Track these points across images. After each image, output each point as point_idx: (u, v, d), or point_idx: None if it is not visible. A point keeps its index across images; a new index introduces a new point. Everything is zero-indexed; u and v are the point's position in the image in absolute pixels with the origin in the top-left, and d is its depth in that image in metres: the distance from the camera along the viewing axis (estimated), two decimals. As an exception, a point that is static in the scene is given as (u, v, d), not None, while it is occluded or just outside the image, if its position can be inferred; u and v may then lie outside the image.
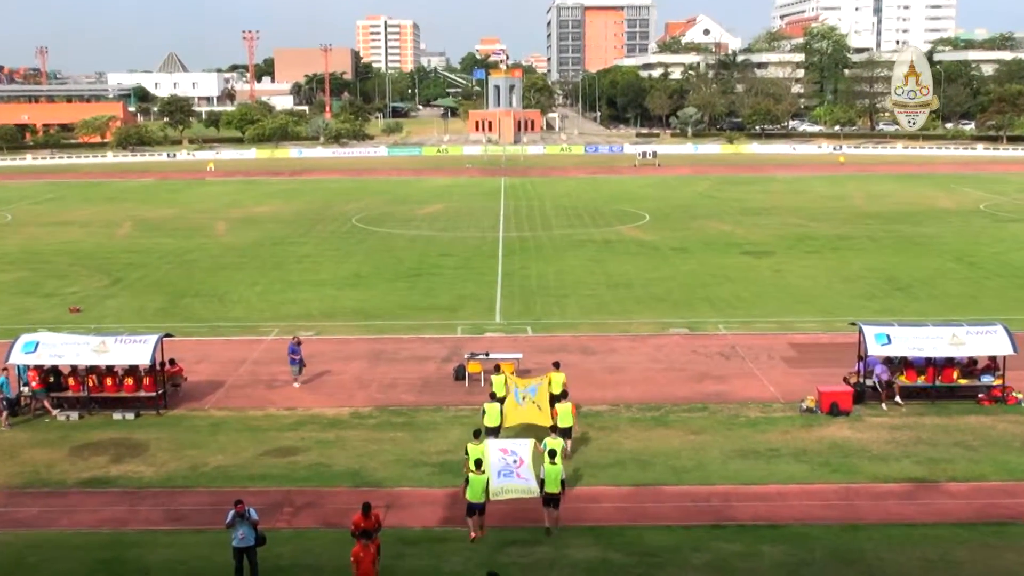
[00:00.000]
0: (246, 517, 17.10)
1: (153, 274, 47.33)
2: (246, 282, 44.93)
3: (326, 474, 22.59)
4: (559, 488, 19.72)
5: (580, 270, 47.05)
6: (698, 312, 38.63)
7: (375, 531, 17.41)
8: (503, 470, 20.15)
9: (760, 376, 29.96)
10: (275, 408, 27.44)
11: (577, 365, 31.30)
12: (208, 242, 57.04)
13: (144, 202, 77.93)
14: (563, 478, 19.79)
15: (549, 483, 19.79)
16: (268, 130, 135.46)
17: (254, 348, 33.68)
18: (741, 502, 20.99)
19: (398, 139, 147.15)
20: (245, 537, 17.13)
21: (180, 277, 46.33)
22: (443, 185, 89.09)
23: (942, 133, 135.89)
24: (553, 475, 19.75)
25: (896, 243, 54.23)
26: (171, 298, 41.74)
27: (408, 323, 37.08)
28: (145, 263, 50.10)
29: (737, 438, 24.66)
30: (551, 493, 19.77)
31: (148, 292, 42.98)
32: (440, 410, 27.04)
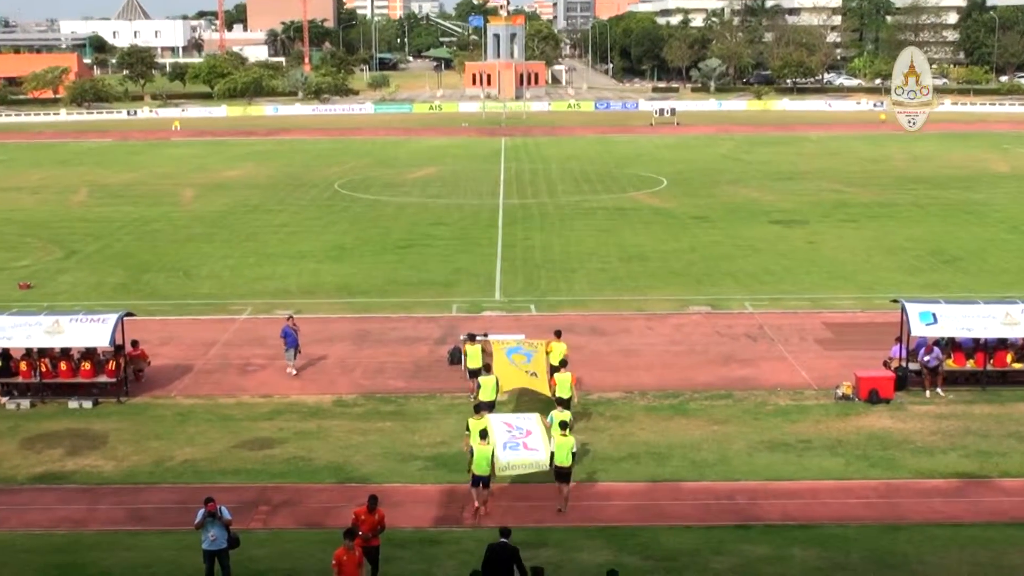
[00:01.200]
0: (218, 517, 17.11)
1: (112, 246, 47.28)
2: (216, 255, 44.92)
3: (306, 469, 22.62)
4: (570, 462, 20.55)
5: (589, 241, 46.97)
6: (722, 288, 38.58)
7: (376, 532, 17.40)
8: (508, 443, 20.95)
9: (791, 359, 29.96)
10: (249, 395, 27.47)
11: (586, 347, 31.29)
12: (173, 210, 56.92)
13: (102, 165, 77.74)
14: (574, 451, 20.63)
15: (560, 456, 20.55)
16: (240, 85, 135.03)
17: (225, 328, 33.67)
18: (769, 500, 21.01)
19: (386, 95, 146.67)
20: (217, 539, 17.15)
21: (142, 249, 46.27)
22: (436, 146, 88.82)
23: (996, 87, 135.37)
24: (564, 448, 20.54)
25: (943, 211, 54.09)
26: (132, 273, 41.70)
27: (397, 300, 37.04)
28: (103, 234, 50.04)
29: (765, 429, 24.69)
30: (562, 467, 20.51)
31: (107, 266, 42.94)
32: (433, 397, 27.05)
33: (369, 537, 17.26)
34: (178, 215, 55.34)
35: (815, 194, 59.72)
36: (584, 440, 23.82)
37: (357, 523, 17.38)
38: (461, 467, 22.31)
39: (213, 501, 17.18)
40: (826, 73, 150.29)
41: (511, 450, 20.97)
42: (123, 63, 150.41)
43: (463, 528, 19.54)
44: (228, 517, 17.33)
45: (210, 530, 17.10)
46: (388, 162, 78.09)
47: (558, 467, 20.64)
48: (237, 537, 17.41)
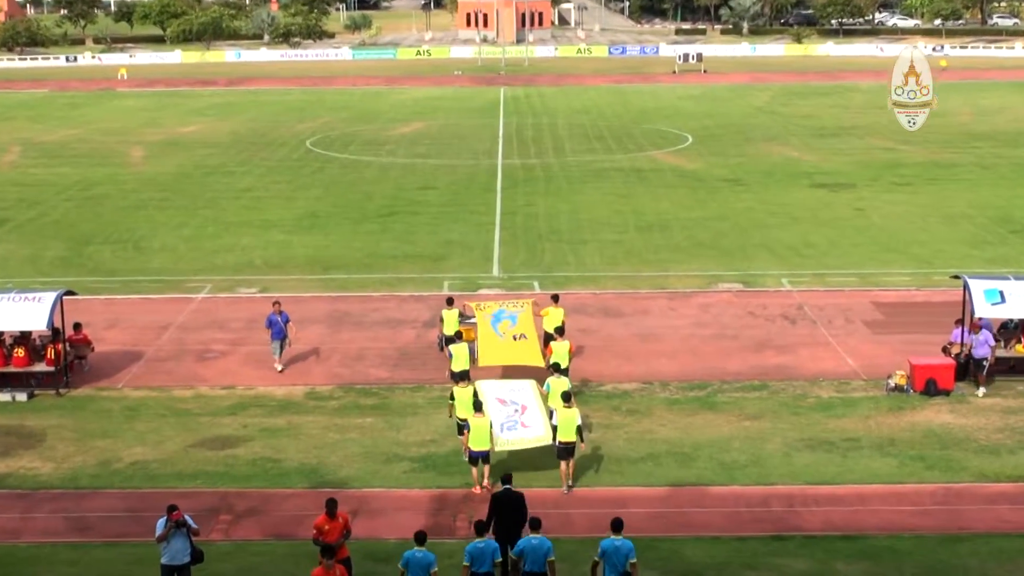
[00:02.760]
0: (183, 527, 17.10)
1: (50, 214, 47.22)
2: (170, 224, 44.87)
3: (274, 471, 22.65)
4: (576, 436, 21.34)
5: (602, 208, 46.90)
6: (756, 262, 38.54)
7: (343, 538, 17.44)
8: (505, 423, 21.57)
9: (835, 345, 29.95)
10: (208, 387, 27.47)
11: (598, 331, 31.28)
12: (120, 172, 56.86)
13: (37, 120, 77.56)
14: (579, 424, 21.44)
15: (564, 431, 21.32)
16: (196, 26, 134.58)
17: (181, 309, 33.66)
18: (809, 507, 21.03)
19: (365, 38, 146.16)
20: (180, 553, 17.13)
21: (85, 217, 46.23)
22: (424, 98, 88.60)
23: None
24: (569, 422, 21.31)
25: (1013, 172, 54.00)
26: (73, 245, 41.68)
27: (379, 276, 37.02)
28: (39, 199, 49.98)
29: (805, 425, 24.69)
30: (567, 443, 21.28)
31: (43, 237, 42.91)
32: (421, 389, 27.06)
33: (338, 546, 17.22)
34: (126, 178, 55.23)
35: (864, 153, 59.58)
36: (596, 439, 23.85)
37: (320, 535, 17.32)
38: (453, 469, 22.37)
39: (178, 509, 17.16)
40: (877, 12, 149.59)
41: (509, 431, 21.66)
42: (61, 2, 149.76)
43: (456, 539, 19.56)
44: (195, 527, 17.35)
45: (173, 542, 17.08)
46: (369, 116, 77.89)
47: (562, 443, 21.38)
48: (201, 551, 17.44)
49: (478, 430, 21.32)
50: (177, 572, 17.27)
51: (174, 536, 17.09)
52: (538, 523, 17.39)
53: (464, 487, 21.48)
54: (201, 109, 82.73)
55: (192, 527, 17.24)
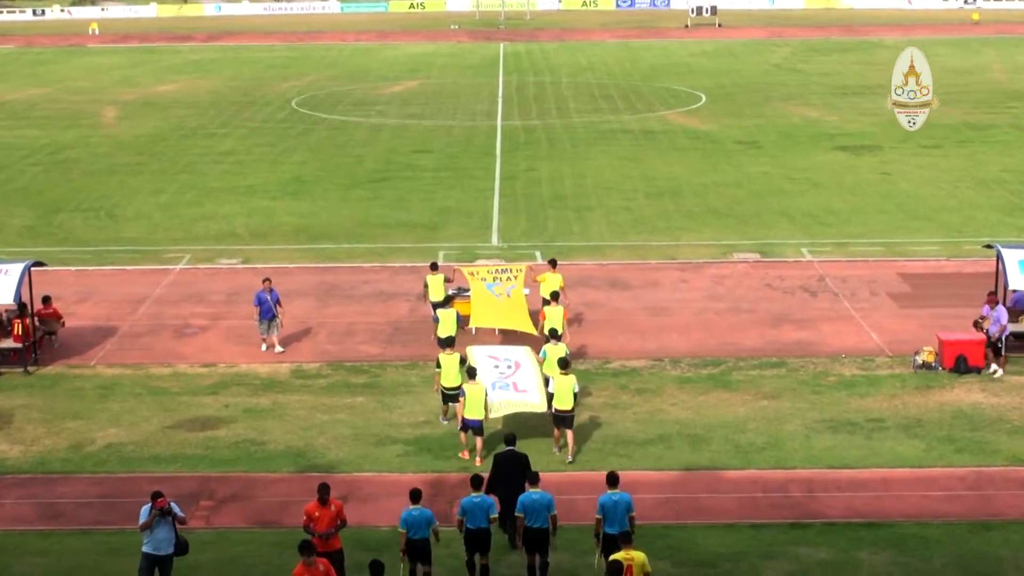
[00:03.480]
0: (169, 515, 17.02)
1: (16, 179, 47.10)
2: (145, 190, 44.79)
3: (258, 455, 22.66)
4: (573, 404, 21.88)
5: (609, 172, 46.78)
6: (774, 231, 38.46)
7: (334, 528, 17.39)
8: (497, 382, 22.18)
9: (858, 319, 29.93)
10: (187, 364, 27.45)
11: (605, 304, 31.23)
12: (92, 135, 56.72)
13: (1, 79, 77.28)
14: (576, 391, 21.99)
15: (560, 399, 21.86)
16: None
17: (157, 281, 33.62)
18: (831, 492, 21.03)
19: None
20: (164, 543, 17.03)
21: (54, 183, 46.12)
22: (418, 54, 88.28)
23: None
24: (565, 388, 21.85)
25: (1050, 134, 53.85)
26: (42, 213, 41.60)
27: (370, 246, 36.96)
28: (4, 164, 49.87)
29: (826, 405, 24.68)
30: (563, 411, 21.87)
31: (9, 204, 42.82)
32: (415, 366, 27.04)
33: (328, 536, 17.23)
34: (98, 141, 55.09)
35: (890, 114, 58.95)
36: (602, 419, 23.85)
37: (310, 523, 17.29)
38: (449, 452, 22.40)
39: (163, 496, 17.08)
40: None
41: (501, 390, 22.17)
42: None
43: (453, 527, 19.56)
44: (181, 515, 17.27)
45: (158, 531, 17.01)
46: (358, 74, 77.60)
47: (558, 411, 21.85)
48: (186, 541, 17.38)
49: (472, 397, 21.81)
50: (159, 564, 17.19)
51: (158, 525, 17.02)
52: (537, 478, 18.17)
53: (462, 471, 21.45)
54: (178, 67, 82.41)
55: (178, 516, 17.16)
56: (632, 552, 16.20)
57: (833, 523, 19.86)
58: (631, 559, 16.10)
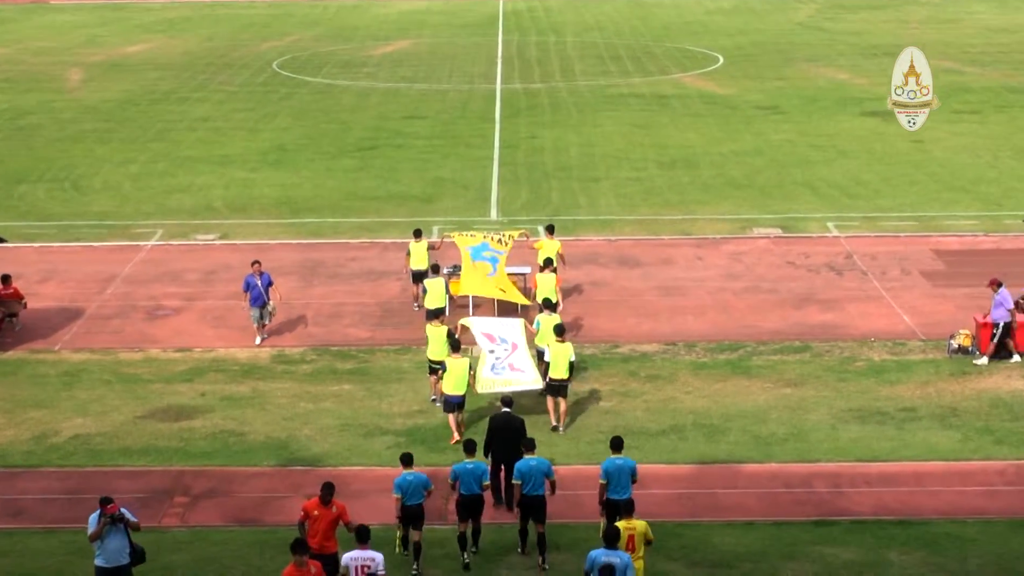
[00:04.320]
0: (121, 522, 16.89)
1: (-27, 148, 47.07)
2: (114, 160, 44.74)
3: (237, 447, 22.65)
4: (568, 374, 22.90)
5: (618, 140, 46.69)
6: (797, 203, 38.39)
7: (332, 532, 17.28)
8: (494, 365, 23.05)
9: (889, 299, 29.91)
10: (160, 349, 27.44)
11: (613, 283, 31.20)
12: (56, 99, 56.58)
13: (-43, 39, 77.15)
14: (572, 359, 22.94)
15: (556, 368, 22.83)
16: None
17: (127, 259, 33.59)
18: (858, 487, 21.02)
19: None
20: (117, 553, 16.88)
21: (14, 152, 46.03)
22: (410, 11, 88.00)
23: None
24: (561, 357, 22.80)
25: (1097, 99, 53.74)
26: (1, 184, 41.51)
27: (358, 221, 36.94)
28: (-39, 131, 49.82)
29: (853, 392, 24.67)
30: (559, 380, 22.84)
31: (-34, 175, 42.80)
32: (407, 351, 27.03)
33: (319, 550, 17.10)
34: (62, 106, 54.96)
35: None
36: (611, 408, 23.85)
37: (306, 520, 17.27)
38: (444, 444, 22.39)
39: (113, 502, 16.95)
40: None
41: (495, 373, 22.99)
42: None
43: (448, 525, 19.58)
44: (134, 520, 17.13)
45: (109, 540, 16.88)
46: (345, 33, 77.36)
47: (553, 380, 22.72)
48: (142, 549, 17.25)
49: (454, 372, 22.37)
50: None
51: (109, 534, 16.77)
52: (533, 444, 18.95)
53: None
54: (149, 25, 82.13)
55: (130, 521, 16.94)
56: (634, 521, 16.82)
57: (861, 521, 19.83)
58: (633, 528, 16.73)
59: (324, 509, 17.30)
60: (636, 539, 16.69)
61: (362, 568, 16.43)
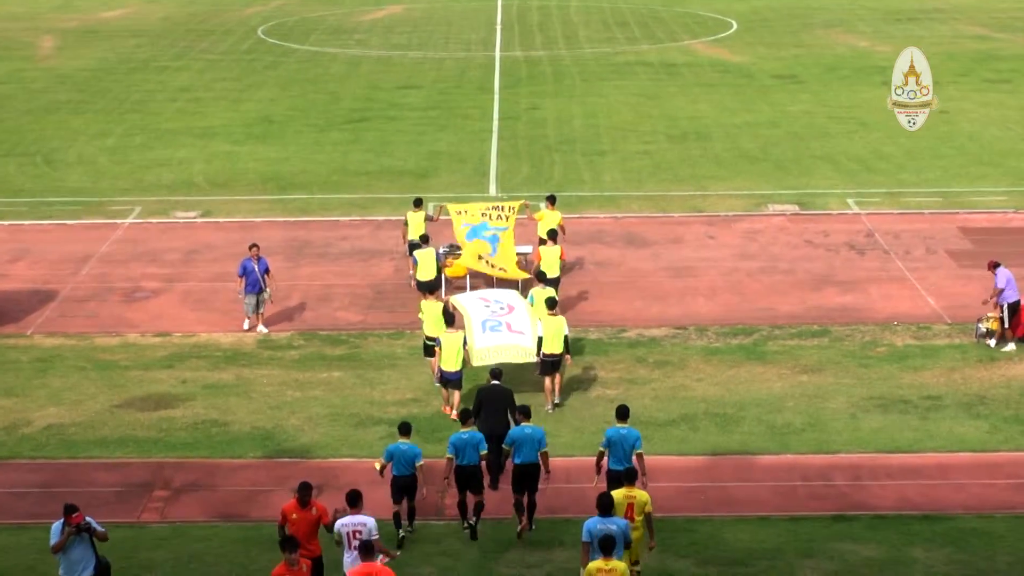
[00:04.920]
0: (86, 531, 16.76)
1: (-61, 120, 47.01)
2: (89, 132, 44.72)
3: (220, 437, 22.66)
4: (563, 348, 23.31)
5: (625, 111, 46.63)
6: (815, 178, 38.35)
7: (313, 534, 17.18)
8: (488, 321, 23.17)
9: (913, 281, 29.90)
10: (138, 333, 27.44)
11: (620, 264, 31.20)
12: (26, 68, 56.48)
13: (-78, 3, 76.99)
14: (567, 334, 23.35)
15: (548, 341, 23.22)
16: None
17: (103, 238, 33.57)
18: (880, 480, 21.04)
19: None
20: (80, 565, 16.70)
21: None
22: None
23: None
24: (555, 330, 23.19)
25: None
26: (-32, 158, 41.54)
27: (349, 197, 36.95)
28: (-75, 102, 49.73)
29: (875, 379, 24.68)
30: (552, 355, 23.23)
31: (-69, 149, 42.74)
32: (401, 336, 27.05)
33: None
34: (33, 75, 54.85)
35: (950, 43, 59.05)
36: (616, 397, 23.80)
37: (285, 524, 17.02)
38: (440, 434, 22.33)
39: (79, 511, 16.80)
40: None
41: (492, 332, 23.09)
42: None
43: (444, 520, 19.59)
44: (101, 530, 16.95)
45: (74, 551, 16.74)
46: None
47: (548, 355, 23.05)
48: (108, 562, 17.08)
49: (449, 347, 22.62)
50: None
51: (73, 544, 16.64)
52: (528, 411, 19.52)
53: (454, 456, 21.44)
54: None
55: (97, 531, 16.80)
56: (635, 491, 17.27)
57: (883, 516, 19.83)
58: (633, 497, 17.15)
59: (303, 511, 16.97)
60: (636, 508, 17.09)
61: (354, 533, 16.65)
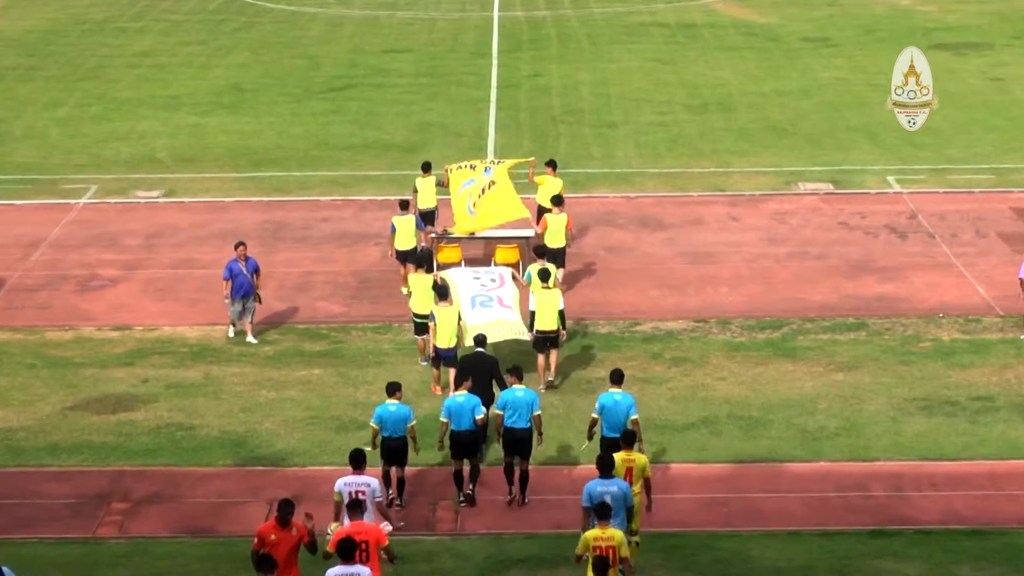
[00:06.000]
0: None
1: None
2: (38, 102, 44.69)
3: (186, 443, 22.64)
4: (557, 324, 23.92)
5: (638, 78, 46.59)
6: (851, 153, 38.28)
7: (297, 548, 17.05)
8: (478, 296, 23.82)
9: (961, 267, 29.89)
10: (94, 327, 27.43)
11: (634, 248, 31.18)
12: (-32, 30, 56.41)
13: None
14: (561, 308, 24.02)
15: (542, 317, 23.81)
16: None
17: (55, 220, 33.53)
18: (924, 491, 21.05)
19: None
20: None
21: (-81, 93, 45.96)
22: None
23: None
24: (549, 305, 23.84)
25: None
26: (-96, 131, 41.52)
27: (330, 174, 36.96)
28: None
29: (918, 378, 24.67)
30: (546, 331, 23.86)
31: None
32: (389, 329, 27.06)
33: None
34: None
35: (1001, 1, 58.90)
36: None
37: (263, 547, 16.80)
38: (430, 438, 22.31)
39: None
40: None
41: (483, 307, 23.73)
42: None
43: (436, 535, 19.61)
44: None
45: None
46: (314, -49, 77.15)
47: (541, 332, 23.55)
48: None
49: (444, 322, 23.18)
50: None
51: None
52: (520, 372, 20.50)
53: (448, 463, 21.40)
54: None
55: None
56: (634, 454, 18.36)
57: (927, 531, 19.83)
58: (632, 461, 18.22)
59: (283, 532, 16.55)
60: (635, 472, 18.16)
61: (356, 494, 17.22)
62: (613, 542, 16.23)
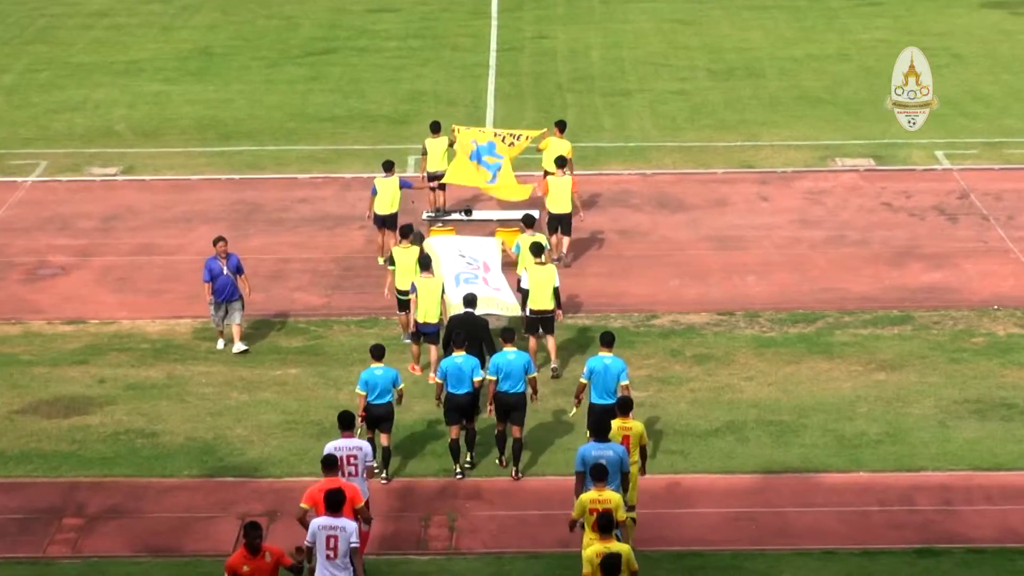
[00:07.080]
0: None
1: None
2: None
3: (147, 451, 22.65)
4: (552, 304, 24.25)
5: (655, 40, 46.65)
6: (895, 125, 37.89)
7: (275, 574, 17.11)
8: (463, 274, 24.35)
9: (1018, 254, 29.94)
10: (44, 320, 27.48)
11: (651, 232, 31.22)
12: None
13: None
14: (556, 285, 24.34)
15: (536, 295, 24.15)
16: None
17: (0, 200, 33.58)
18: (977, 505, 21.04)
19: None
20: None
21: None
22: None
23: None
24: (543, 282, 23.74)
25: None
26: None
27: (309, 149, 37.01)
28: None
29: (970, 378, 24.67)
30: (540, 311, 24.23)
31: None
32: (374, 323, 27.14)
33: None
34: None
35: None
36: (646, 399, 23.80)
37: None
38: (419, 446, 22.39)
39: None
40: None
41: (468, 284, 24.05)
42: None
43: (429, 554, 19.63)
44: None
45: None
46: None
47: (535, 312, 23.91)
48: None
49: (426, 294, 23.62)
50: None
51: None
52: (512, 334, 21.37)
53: (443, 474, 21.47)
54: None
55: None
56: (630, 421, 19.28)
57: (979, 549, 19.83)
58: (628, 428, 19.16)
59: (255, 560, 16.48)
60: (632, 440, 19.01)
61: (348, 459, 18.20)
62: (610, 504, 16.96)
